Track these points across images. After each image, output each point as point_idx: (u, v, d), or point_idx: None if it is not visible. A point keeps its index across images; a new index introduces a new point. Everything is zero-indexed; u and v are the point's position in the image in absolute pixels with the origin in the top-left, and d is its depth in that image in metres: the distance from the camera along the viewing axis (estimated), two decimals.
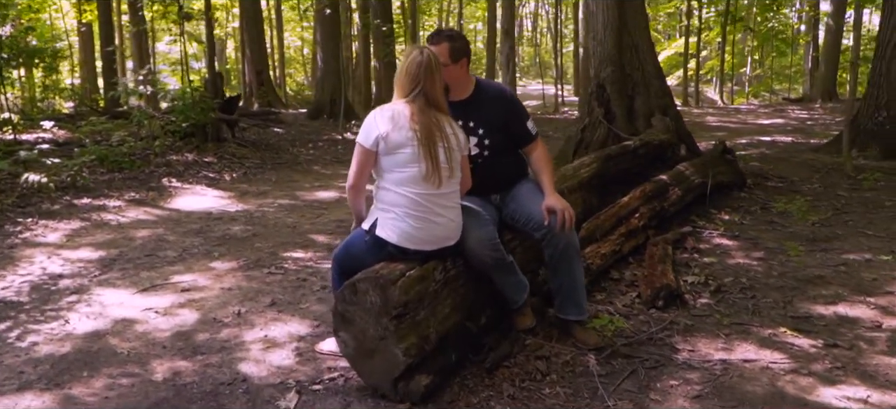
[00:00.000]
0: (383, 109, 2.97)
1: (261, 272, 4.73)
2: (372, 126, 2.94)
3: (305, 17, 38.48)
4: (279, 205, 6.93)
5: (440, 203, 2.99)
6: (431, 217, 2.98)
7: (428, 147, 2.92)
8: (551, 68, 43.23)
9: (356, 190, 3.11)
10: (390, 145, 2.90)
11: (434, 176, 2.93)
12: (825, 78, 27.20)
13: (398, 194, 2.95)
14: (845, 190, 7.09)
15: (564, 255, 3.30)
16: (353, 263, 3.18)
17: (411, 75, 2.97)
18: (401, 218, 2.95)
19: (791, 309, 3.88)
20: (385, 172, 2.98)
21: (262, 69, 20.10)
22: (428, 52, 3.03)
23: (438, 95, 3.02)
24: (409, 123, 2.91)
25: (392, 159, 2.93)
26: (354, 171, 3.04)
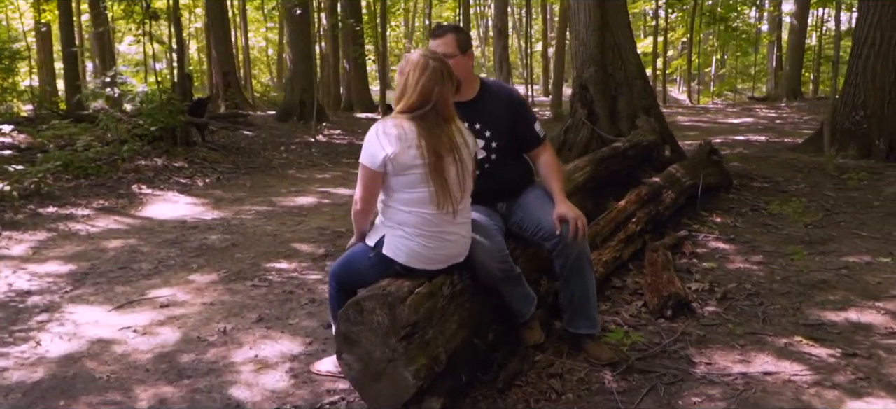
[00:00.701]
0: (388, 126, 2.71)
1: (244, 285, 4.48)
2: (377, 146, 2.69)
3: (270, 17, 38.04)
4: (257, 212, 6.66)
5: (452, 221, 2.79)
6: (443, 236, 2.78)
7: (438, 171, 2.70)
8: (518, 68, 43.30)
9: (365, 214, 2.89)
10: (399, 166, 2.68)
11: (446, 202, 2.72)
12: (790, 77, 27.62)
13: (408, 214, 2.74)
14: (831, 190, 7.05)
15: (577, 266, 3.13)
16: (354, 280, 2.97)
17: (422, 89, 2.69)
18: (410, 237, 2.75)
19: (801, 316, 3.76)
20: (394, 192, 2.76)
21: (229, 70, 19.66)
22: (439, 59, 2.77)
23: (451, 106, 2.80)
24: (417, 141, 2.68)
25: (401, 180, 2.71)
26: (362, 195, 2.81)
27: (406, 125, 2.69)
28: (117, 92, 9.26)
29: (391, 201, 2.78)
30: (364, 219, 2.90)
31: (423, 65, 2.72)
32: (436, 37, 3.21)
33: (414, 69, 2.73)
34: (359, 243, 2.98)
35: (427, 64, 2.72)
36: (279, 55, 39.28)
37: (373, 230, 2.91)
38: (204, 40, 27.61)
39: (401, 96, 2.75)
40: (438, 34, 3.21)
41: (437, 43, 3.19)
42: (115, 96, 9.22)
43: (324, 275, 4.67)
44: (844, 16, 41.07)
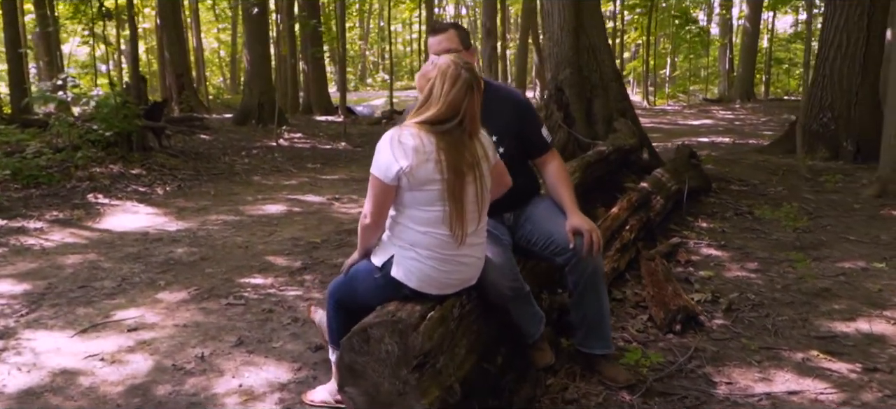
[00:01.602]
0: (404, 135, 2.44)
1: (218, 304, 4.16)
2: (390, 158, 2.42)
3: (222, 17, 37.21)
4: (224, 222, 6.31)
5: (469, 242, 2.54)
6: (459, 259, 2.53)
7: (456, 192, 2.45)
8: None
9: (374, 229, 2.61)
10: (415, 181, 2.42)
11: (458, 227, 2.47)
12: (743, 79, 28.10)
13: (421, 234, 2.48)
14: (810, 193, 7.02)
15: (591, 282, 2.92)
16: (356, 301, 2.71)
17: (452, 102, 2.41)
18: (422, 259, 2.49)
19: (811, 327, 3.63)
20: (407, 208, 2.50)
21: (183, 72, 19.05)
22: (471, 69, 2.49)
23: (478, 121, 2.54)
24: (436, 155, 2.41)
25: (416, 196, 2.45)
26: (372, 209, 2.53)
27: (425, 137, 2.42)
28: (70, 95, 8.74)
29: (403, 219, 2.52)
30: (372, 235, 2.63)
31: (455, 74, 2.44)
32: (436, 33, 2.97)
33: (442, 77, 2.45)
34: (363, 261, 2.71)
35: (459, 74, 2.44)
36: (232, 57, 38.52)
37: (379, 248, 2.64)
38: (153, 41, 26.86)
39: (424, 105, 2.48)
40: (439, 30, 2.98)
41: (437, 39, 2.96)
42: (68, 100, 8.70)
43: (304, 291, 4.38)
44: (790, 18, 42.40)
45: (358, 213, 6.67)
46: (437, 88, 2.44)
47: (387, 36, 45.70)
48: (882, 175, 6.72)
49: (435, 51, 2.95)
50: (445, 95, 2.42)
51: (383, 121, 18.36)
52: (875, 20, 9.13)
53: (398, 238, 2.54)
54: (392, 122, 18.13)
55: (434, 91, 2.45)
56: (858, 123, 9.35)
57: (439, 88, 2.44)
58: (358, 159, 10.87)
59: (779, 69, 35.34)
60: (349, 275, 2.73)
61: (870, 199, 6.57)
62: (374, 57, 54.05)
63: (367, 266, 2.64)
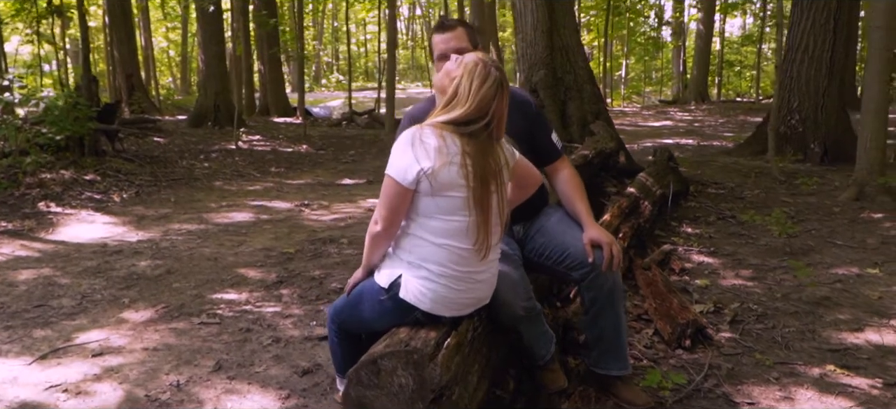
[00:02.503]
0: (426, 134, 2.21)
1: (190, 323, 3.85)
2: (410, 158, 2.18)
3: (171, 16, 36.20)
4: (188, 232, 5.95)
5: (485, 259, 2.31)
6: (474, 277, 2.30)
7: (483, 199, 2.23)
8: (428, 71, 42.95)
9: (385, 239, 2.33)
10: (437, 185, 2.18)
11: (483, 239, 2.25)
12: (697, 81, 28.53)
13: (437, 247, 2.24)
14: (787, 196, 6.98)
15: (610, 299, 2.71)
16: (360, 325, 2.46)
17: (481, 101, 2.19)
18: (435, 278, 2.24)
19: (820, 339, 3.49)
20: (422, 217, 2.25)
21: (133, 72, 18.39)
22: (500, 68, 2.27)
23: (504, 125, 2.32)
24: (462, 158, 2.19)
25: (436, 203, 2.21)
26: (385, 215, 2.26)
27: (448, 137, 2.19)
28: (17, 97, 8.21)
29: (415, 230, 2.27)
30: (382, 245, 2.36)
31: (485, 72, 2.22)
32: (443, 30, 2.74)
33: (470, 75, 2.22)
34: (367, 281, 2.44)
35: (489, 71, 2.22)
36: (183, 56, 37.55)
37: (383, 265, 2.39)
38: (100, 40, 25.93)
39: (449, 104, 2.25)
40: (447, 27, 2.74)
41: (444, 37, 2.72)
42: (16, 101, 8.17)
43: (282, 307, 4.09)
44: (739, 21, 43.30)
45: (330, 221, 6.42)
46: (465, 87, 2.22)
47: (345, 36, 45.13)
48: (858, 178, 6.71)
49: (441, 50, 2.72)
50: (474, 93, 2.20)
51: (343, 122, 18.01)
52: (841, 23, 9.20)
53: (407, 253, 2.30)
54: (353, 123, 17.81)
55: (461, 89, 2.22)
56: (825, 125, 9.41)
57: (467, 85, 2.21)
58: (322, 163, 10.54)
59: (730, 71, 36.01)
60: (352, 297, 2.47)
61: (848, 202, 6.55)
62: (328, 57, 53.43)
63: (372, 287, 2.38)
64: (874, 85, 6.50)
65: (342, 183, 8.59)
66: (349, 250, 5.32)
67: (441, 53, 2.72)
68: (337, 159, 10.98)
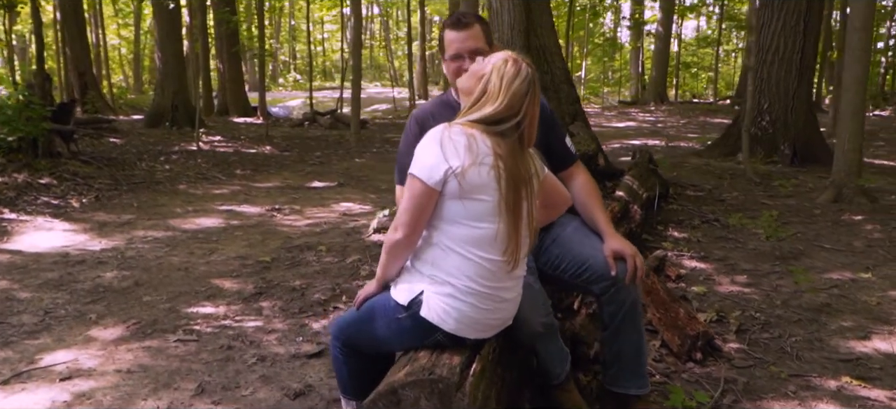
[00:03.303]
0: (454, 132, 2.02)
1: (165, 341, 3.57)
2: (437, 156, 1.99)
3: (123, 12, 35.18)
4: (154, 239, 5.62)
5: (512, 274, 2.13)
6: (500, 294, 2.11)
7: (514, 205, 2.04)
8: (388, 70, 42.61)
9: (407, 247, 2.12)
10: (466, 187, 1.99)
11: (514, 250, 2.07)
12: (656, 82, 28.83)
13: (463, 259, 2.04)
14: (765, 197, 6.96)
15: (630, 314, 2.55)
16: (370, 344, 2.25)
17: (512, 97, 2.03)
18: (461, 295, 2.05)
19: (829, 349, 3.40)
20: (445, 224, 2.05)
21: (86, 70, 17.74)
22: (531, 66, 2.10)
23: (535, 129, 2.14)
24: (494, 161, 2.01)
25: (464, 207, 2.02)
26: (408, 219, 2.05)
27: (479, 136, 2.01)
28: None
29: (438, 237, 2.07)
30: (404, 254, 2.15)
31: (516, 68, 2.06)
32: (459, 27, 2.53)
33: (500, 71, 2.06)
34: (380, 295, 2.23)
35: (519, 68, 2.06)
36: (135, 54, 36.54)
37: (400, 280, 2.18)
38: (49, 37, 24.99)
39: (477, 102, 2.08)
40: (464, 24, 2.53)
41: (461, 36, 2.52)
42: None
43: (264, 321, 3.84)
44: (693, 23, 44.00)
45: (305, 227, 6.16)
46: (495, 83, 2.05)
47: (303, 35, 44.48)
48: (836, 180, 6.72)
49: (457, 50, 2.52)
50: (505, 89, 2.03)
51: (306, 123, 17.63)
52: (811, 25, 9.28)
53: (428, 266, 2.09)
54: (315, 124, 17.44)
55: (491, 86, 2.05)
56: (794, 126, 9.48)
57: (497, 82, 2.04)
58: (289, 165, 10.22)
59: (686, 73, 36.56)
60: (362, 313, 2.25)
61: (826, 203, 6.56)
62: (284, 56, 52.70)
63: (387, 303, 2.17)
64: (852, 87, 6.51)
65: (312, 186, 8.32)
66: (329, 257, 5.08)
67: (456, 53, 2.52)
68: (303, 161, 10.68)
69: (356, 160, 10.92)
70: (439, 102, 2.71)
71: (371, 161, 10.84)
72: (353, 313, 2.30)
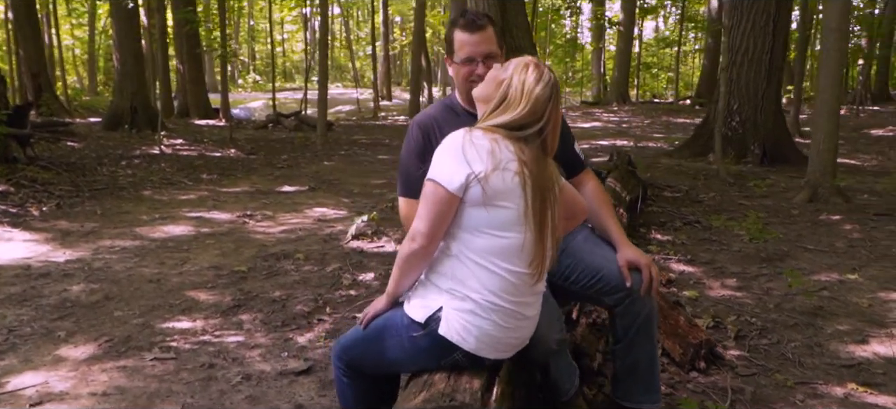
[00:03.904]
0: (475, 136, 1.90)
1: (141, 359, 3.36)
2: (460, 160, 1.87)
3: (77, 11, 34.21)
4: (122, 249, 5.37)
5: (534, 288, 2.01)
6: (522, 311, 1.99)
7: (541, 213, 1.92)
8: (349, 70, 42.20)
9: (425, 258, 1.98)
10: (490, 193, 1.86)
11: (540, 261, 1.95)
12: (619, 82, 29.07)
13: (486, 271, 1.91)
14: (741, 198, 6.97)
15: (646, 326, 2.44)
16: (379, 365, 2.11)
17: (535, 102, 1.91)
18: (483, 312, 1.91)
19: (829, 354, 3.35)
20: (465, 233, 1.92)
21: (40, 72, 17.13)
22: (552, 71, 2.00)
23: (558, 133, 2.03)
24: (519, 167, 1.89)
25: (487, 215, 1.89)
26: (427, 228, 1.91)
27: (502, 141, 1.89)
28: None
29: (457, 248, 1.93)
30: (419, 267, 2.01)
31: (538, 72, 1.95)
32: (473, 30, 2.38)
33: (521, 74, 1.95)
34: (391, 311, 2.09)
35: (541, 73, 1.95)
36: (90, 55, 35.55)
37: (414, 294, 2.04)
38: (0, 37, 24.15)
39: (499, 107, 1.96)
40: (478, 26, 2.38)
41: (474, 39, 2.37)
42: None
43: (246, 336, 3.66)
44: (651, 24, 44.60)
45: (279, 233, 5.96)
46: (516, 88, 1.94)
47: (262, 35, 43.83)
48: (811, 180, 6.76)
49: (469, 53, 2.37)
50: (528, 93, 1.92)
51: (269, 125, 17.30)
52: (780, 26, 9.36)
53: (446, 279, 1.96)
54: (279, 126, 17.12)
55: (512, 90, 1.94)
56: (764, 126, 9.56)
57: (519, 86, 1.93)
58: (256, 169, 9.96)
59: (647, 74, 37.00)
60: (370, 331, 2.10)
61: (803, 203, 6.58)
62: (244, 57, 51.94)
63: (399, 321, 2.02)
64: (828, 87, 6.55)
65: (282, 190, 8.09)
66: (308, 266, 4.90)
67: (469, 56, 2.38)
68: (271, 165, 10.42)
69: (325, 163, 10.71)
70: (442, 107, 2.57)
71: (340, 164, 10.64)
72: (358, 331, 2.16)
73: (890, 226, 5.85)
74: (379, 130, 17.12)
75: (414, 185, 2.46)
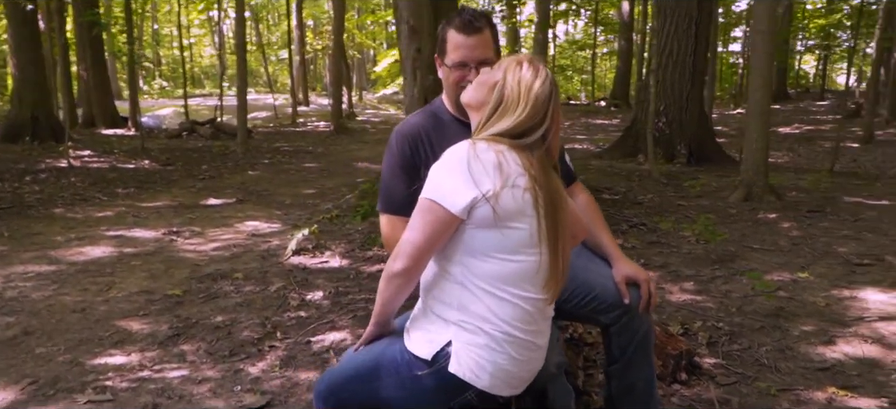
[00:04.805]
0: (479, 149, 1.69)
1: (73, 402, 2.99)
2: (465, 178, 1.66)
3: None
4: (37, 275, 4.87)
5: (545, 314, 1.83)
6: (537, 339, 1.81)
7: (556, 230, 1.74)
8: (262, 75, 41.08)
9: (408, 283, 1.77)
10: (502, 214, 1.66)
11: (553, 288, 1.77)
12: None
13: (499, 300, 1.72)
14: (679, 199, 7.04)
15: (643, 345, 2.30)
16: (374, 406, 1.87)
17: (535, 102, 1.72)
18: (498, 345, 1.72)
19: (801, 357, 3.33)
20: (471, 258, 1.72)
21: None
22: (546, 66, 1.80)
23: (558, 140, 1.85)
24: (529, 181, 1.69)
25: (497, 238, 1.69)
26: (412, 250, 1.71)
27: (507, 153, 1.69)
28: None
29: (462, 275, 1.73)
30: (406, 288, 1.79)
31: (532, 72, 1.75)
32: (469, 32, 2.17)
33: (515, 73, 1.75)
34: (387, 345, 1.87)
35: (537, 70, 1.76)
36: None
37: (415, 327, 1.82)
38: None
39: (496, 112, 1.76)
40: (476, 28, 2.18)
41: (470, 43, 2.17)
42: None
43: (190, 369, 3.33)
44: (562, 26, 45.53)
45: (212, 251, 5.57)
46: (512, 89, 1.74)
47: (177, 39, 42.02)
48: (745, 179, 6.89)
49: (463, 57, 2.17)
50: (525, 93, 1.73)
51: (183, 134, 16.54)
52: (702, 28, 9.58)
53: (453, 310, 1.75)
54: (194, 134, 16.39)
55: (508, 92, 1.74)
56: (689, 128, 9.76)
57: (515, 86, 1.74)
58: (176, 181, 9.42)
59: (561, 75, 37.71)
60: (363, 368, 1.87)
61: (739, 202, 6.70)
62: (148, 63, 49.87)
63: (398, 356, 1.80)
64: (758, 88, 6.69)
65: (208, 204, 7.65)
66: (249, 286, 4.57)
67: (462, 61, 2.18)
68: (191, 176, 9.89)
69: (249, 173, 10.26)
70: (427, 114, 2.36)
71: (266, 173, 10.21)
72: (346, 368, 1.92)
73: (823, 223, 6.01)
74: (300, 136, 16.65)
75: (399, 202, 2.25)
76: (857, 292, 4.21)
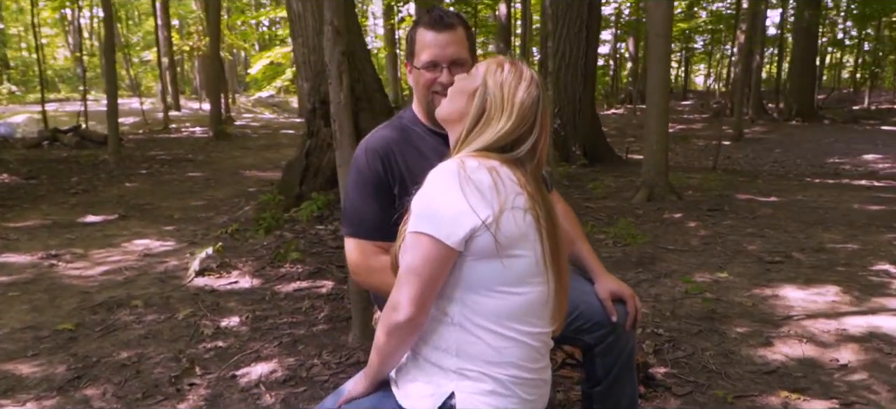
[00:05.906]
0: (470, 167, 1.47)
1: None
2: (459, 204, 1.44)
3: None
4: None
5: (551, 344, 1.66)
6: (543, 376, 1.64)
7: (557, 252, 1.56)
8: (124, 79, 38.72)
9: (414, 331, 1.53)
10: (504, 242, 1.46)
11: (558, 315, 1.61)
12: None
13: (504, 338, 1.52)
14: (588, 202, 7.11)
15: (628, 364, 2.20)
16: None
17: (521, 108, 1.53)
18: (506, 389, 1.53)
19: (745, 361, 3.35)
20: (471, 294, 1.51)
21: None
22: (534, 73, 1.60)
23: (547, 148, 1.65)
24: (528, 201, 1.50)
25: (500, 270, 1.49)
26: (415, 294, 1.47)
27: (501, 170, 1.49)
28: None
29: (464, 314, 1.52)
30: (408, 342, 1.56)
31: (515, 74, 1.56)
32: (439, 28, 1.97)
33: (495, 76, 1.56)
34: (371, 400, 1.63)
35: (520, 72, 1.57)
36: None
37: (407, 375, 1.60)
38: None
39: (477, 124, 1.56)
40: (446, 24, 1.97)
41: (441, 40, 1.97)
42: None
43: None
44: None
45: (101, 276, 5.01)
46: (495, 94, 1.55)
47: (30, 41, 38.76)
48: (647, 179, 7.05)
49: (434, 56, 1.96)
50: (509, 98, 1.54)
51: (44, 142, 15.16)
52: (592, 31, 9.79)
53: (453, 357, 1.54)
54: (57, 143, 15.05)
55: (490, 98, 1.55)
56: (582, 129, 9.96)
57: (497, 92, 1.55)
58: (44, 196, 8.53)
59: None
60: None
61: (643, 203, 6.84)
62: None
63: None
64: (656, 90, 6.86)
65: (86, 221, 6.95)
66: (152, 314, 4.12)
67: (433, 60, 1.96)
68: (61, 190, 9.00)
69: (127, 185, 9.47)
70: (397, 126, 2.12)
71: (146, 185, 9.47)
72: None
73: (726, 221, 6.23)
74: (176, 143, 15.68)
75: (370, 225, 2.01)
76: (776, 290, 4.34)
